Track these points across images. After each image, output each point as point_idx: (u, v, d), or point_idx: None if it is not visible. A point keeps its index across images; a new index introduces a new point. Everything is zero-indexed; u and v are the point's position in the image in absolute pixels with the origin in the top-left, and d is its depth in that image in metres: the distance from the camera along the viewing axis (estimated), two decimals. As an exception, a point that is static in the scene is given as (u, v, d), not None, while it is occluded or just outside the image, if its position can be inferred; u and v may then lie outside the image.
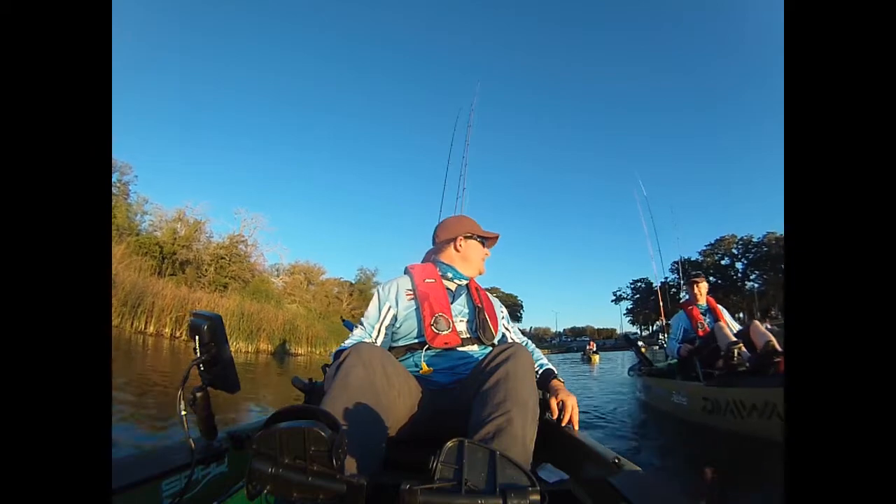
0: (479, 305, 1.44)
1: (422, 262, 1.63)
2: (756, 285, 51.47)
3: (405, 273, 1.52)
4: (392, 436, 1.06)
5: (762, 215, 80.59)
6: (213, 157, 69.54)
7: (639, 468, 0.94)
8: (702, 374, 3.50)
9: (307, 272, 27.08)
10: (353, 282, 30.63)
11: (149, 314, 11.52)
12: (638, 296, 69.31)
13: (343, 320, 1.99)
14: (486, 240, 1.60)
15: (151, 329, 11.50)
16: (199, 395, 0.87)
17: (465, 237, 1.55)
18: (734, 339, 3.35)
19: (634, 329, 67.54)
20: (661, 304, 10.38)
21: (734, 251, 54.10)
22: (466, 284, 1.53)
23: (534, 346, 1.55)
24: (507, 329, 1.56)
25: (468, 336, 1.37)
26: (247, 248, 20.86)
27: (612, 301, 75.02)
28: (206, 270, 18.57)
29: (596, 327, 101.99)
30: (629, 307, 72.17)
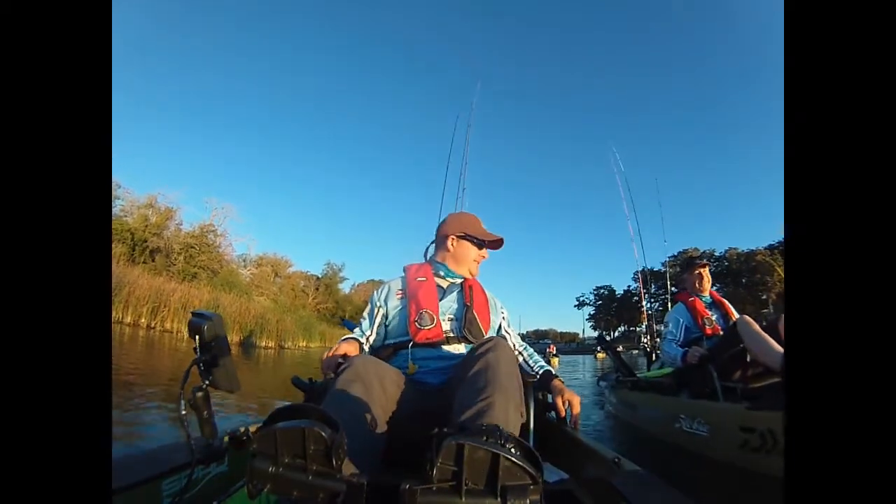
0: (468, 304, 1.40)
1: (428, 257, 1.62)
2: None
3: (403, 272, 1.52)
4: (391, 436, 1.06)
5: (724, 229, 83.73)
6: (184, 144, 66.89)
7: (639, 468, 0.96)
8: (720, 390, 2.45)
9: (274, 264, 26.53)
10: (320, 276, 30.21)
11: (126, 304, 11.23)
12: (600, 302, 71.11)
13: (343, 320, 2.07)
14: (485, 242, 1.53)
15: (129, 319, 11.23)
16: (199, 395, 0.86)
17: (458, 237, 1.51)
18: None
19: (595, 334, 69.03)
20: (642, 295, 8.31)
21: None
22: (461, 283, 1.49)
23: (532, 350, 1.54)
24: (507, 333, 1.53)
25: (454, 335, 1.34)
26: (216, 237, 20.29)
27: (574, 306, 76.76)
28: (175, 259, 17.97)
29: (559, 331, 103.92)
30: (591, 313, 73.93)
